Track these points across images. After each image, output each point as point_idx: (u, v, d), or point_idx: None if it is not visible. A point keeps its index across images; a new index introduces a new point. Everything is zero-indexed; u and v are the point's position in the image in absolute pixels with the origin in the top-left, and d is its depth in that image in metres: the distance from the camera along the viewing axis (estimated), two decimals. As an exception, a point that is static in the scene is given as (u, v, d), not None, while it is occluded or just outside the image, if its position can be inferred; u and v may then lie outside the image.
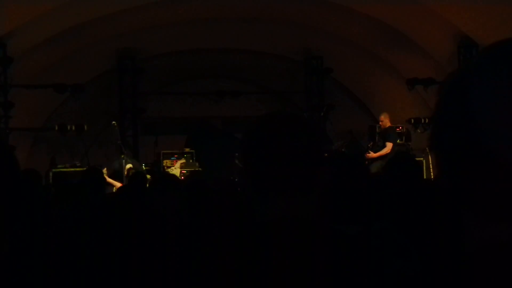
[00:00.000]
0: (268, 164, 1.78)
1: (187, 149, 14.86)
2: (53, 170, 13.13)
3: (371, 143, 14.01)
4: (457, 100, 1.10)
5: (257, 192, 1.81)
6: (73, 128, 14.08)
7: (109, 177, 11.76)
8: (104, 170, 11.76)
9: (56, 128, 14.27)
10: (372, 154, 12.59)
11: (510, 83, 1.05)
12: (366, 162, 11.87)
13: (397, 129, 14.02)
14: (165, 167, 13.86)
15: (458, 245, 1.13)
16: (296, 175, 1.78)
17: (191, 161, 14.27)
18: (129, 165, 12.00)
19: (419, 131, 14.55)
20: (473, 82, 1.08)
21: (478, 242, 1.09)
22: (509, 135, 1.02)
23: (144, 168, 12.14)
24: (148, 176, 8.72)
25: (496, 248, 1.06)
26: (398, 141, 13.61)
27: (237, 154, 11.85)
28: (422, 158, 13.75)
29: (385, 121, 13.15)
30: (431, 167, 13.47)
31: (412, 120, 14.59)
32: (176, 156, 14.23)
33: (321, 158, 1.86)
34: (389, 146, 12.72)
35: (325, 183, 1.86)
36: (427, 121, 14.31)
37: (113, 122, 12.63)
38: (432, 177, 12.60)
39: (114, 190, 11.73)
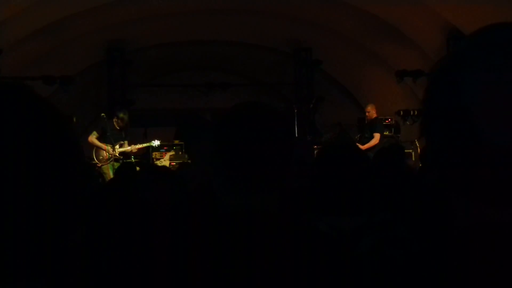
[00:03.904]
0: (237, 156, 1.77)
1: (176, 141, 14.84)
2: (42, 162, 13.07)
3: (358, 136, 14.03)
4: (448, 87, 1.10)
5: (225, 184, 1.79)
6: (62, 120, 14.00)
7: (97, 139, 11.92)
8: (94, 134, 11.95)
9: (45, 120, 14.20)
10: (359, 147, 12.59)
11: (500, 69, 1.06)
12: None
13: (386, 121, 14.04)
14: (154, 159, 13.85)
15: (447, 230, 1.14)
16: (264, 169, 1.76)
17: (180, 153, 14.24)
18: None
19: (408, 123, 14.57)
20: (464, 69, 1.09)
21: (472, 225, 1.10)
22: (503, 120, 1.03)
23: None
24: (137, 168, 8.72)
25: (491, 229, 1.08)
26: (387, 132, 13.63)
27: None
28: (411, 150, 13.79)
29: (372, 112, 13.17)
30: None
31: (401, 112, 14.60)
32: (165, 148, 14.21)
33: (291, 153, 1.82)
34: (377, 137, 12.74)
35: (294, 177, 1.84)
36: (416, 113, 14.33)
37: (102, 114, 12.58)
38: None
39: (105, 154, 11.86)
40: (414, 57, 14.19)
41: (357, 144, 12.78)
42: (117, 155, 11.98)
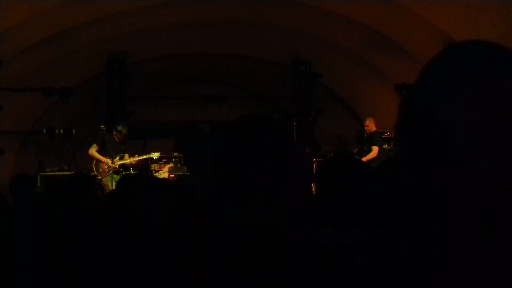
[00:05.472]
0: (237, 169, 1.77)
1: (175, 153, 14.83)
2: (41, 173, 13.09)
3: (357, 149, 14.02)
4: (422, 109, 1.09)
5: (226, 196, 1.79)
6: (61, 131, 14.03)
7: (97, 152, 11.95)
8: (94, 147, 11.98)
9: (44, 131, 14.22)
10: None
11: (470, 86, 1.05)
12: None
13: (385, 135, 14.04)
14: (153, 171, 13.83)
15: (431, 254, 1.14)
16: (264, 181, 1.77)
17: (179, 165, 14.24)
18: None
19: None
20: (436, 90, 1.08)
21: (454, 249, 1.09)
22: (475, 138, 1.03)
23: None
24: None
25: (473, 252, 1.07)
26: (385, 146, 13.63)
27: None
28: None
29: (371, 125, 13.19)
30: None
31: (400, 126, 14.55)
32: (164, 160, 14.20)
33: (291, 164, 1.83)
34: (375, 150, 12.74)
35: (295, 190, 1.84)
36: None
37: (102, 126, 12.60)
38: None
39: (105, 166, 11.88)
40: (413, 70, 14.15)
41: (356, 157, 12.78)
42: (117, 167, 12.01)
